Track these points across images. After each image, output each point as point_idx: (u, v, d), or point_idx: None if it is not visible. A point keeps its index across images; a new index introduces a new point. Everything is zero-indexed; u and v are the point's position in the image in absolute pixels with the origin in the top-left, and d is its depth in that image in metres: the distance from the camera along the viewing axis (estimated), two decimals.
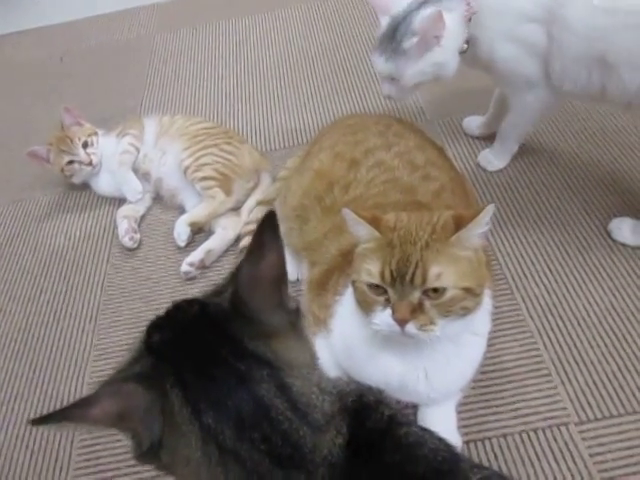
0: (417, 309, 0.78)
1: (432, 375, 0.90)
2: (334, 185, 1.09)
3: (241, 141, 1.58)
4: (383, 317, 0.80)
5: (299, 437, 0.53)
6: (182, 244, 1.41)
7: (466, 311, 0.80)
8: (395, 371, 0.90)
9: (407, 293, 0.77)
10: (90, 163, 1.55)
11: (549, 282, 1.23)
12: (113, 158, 1.55)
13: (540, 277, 1.24)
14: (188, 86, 2.01)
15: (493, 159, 1.48)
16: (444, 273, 0.77)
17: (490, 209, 0.78)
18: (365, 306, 0.83)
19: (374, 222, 0.82)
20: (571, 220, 1.35)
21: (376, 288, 0.80)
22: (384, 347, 0.88)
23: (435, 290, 0.77)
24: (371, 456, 0.56)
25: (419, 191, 1.04)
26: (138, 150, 1.54)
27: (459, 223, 0.79)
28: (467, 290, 0.78)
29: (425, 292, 0.78)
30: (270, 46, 2.13)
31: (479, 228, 0.79)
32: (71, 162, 1.55)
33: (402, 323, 0.78)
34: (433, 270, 0.76)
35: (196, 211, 1.42)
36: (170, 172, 1.51)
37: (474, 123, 1.60)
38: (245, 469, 0.52)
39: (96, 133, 1.60)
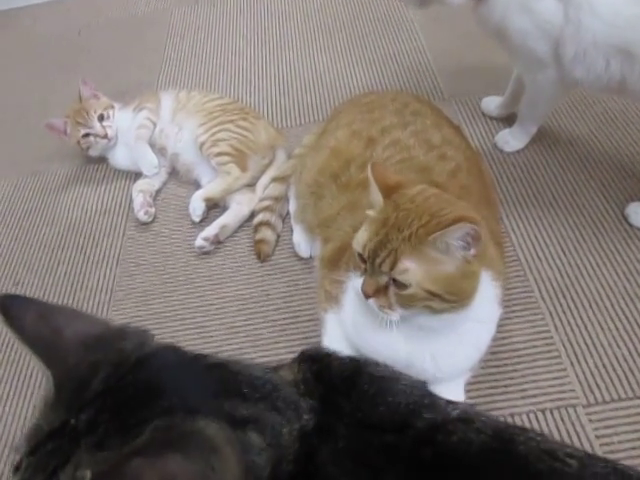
0: (381, 290, 0.82)
1: (438, 357, 0.91)
2: (350, 163, 1.09)
3: (257, 117, 1.58)
4: (356, 282, 0.85)
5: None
6: (197, 219, 1.42)
7: (432, 310, 0.81)
8: (402, 350, 0.91)
9: (377, 273, 0.81)
10: (105, 136, 1.56)
11: (562, 265, 1.23)
12: (129, 132, 1.55)
13: (554, 259, 1.24)
14: (205, 61, 2.01)
15: (511, 139, 1.47)
16: (411, 270, 0.78)
17: (462, 227, 0.75)
18: (354, 264, 0.87)
19: (389, 189, 0.83)
20: (587, 203, 1.33)
21: (360, 256, 0.83)
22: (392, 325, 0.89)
23: (400, 282, 0.79)
24: (347, 390, 0.58)
25: (435, 171, 1.03)
26: (155, 124, 1.55)
27: (439, 223, 0.78)
28: (432, 294, 0.79)
29: (393, 279, 0.80)
30: (287, 21, 2.11)
31: (447, 238, 0.77)
32: (87, 135, 1.56)
33: (366, 296, 0.82)
34: (402, 263, 0.78)
35: (211, 187, 1.43)
36: (186, 147, 1.51)
37: (492, 103, 1.58)
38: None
39: (112, 106, 1.60)
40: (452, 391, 0.99)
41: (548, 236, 1.28)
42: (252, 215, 1.41)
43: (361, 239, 0.83)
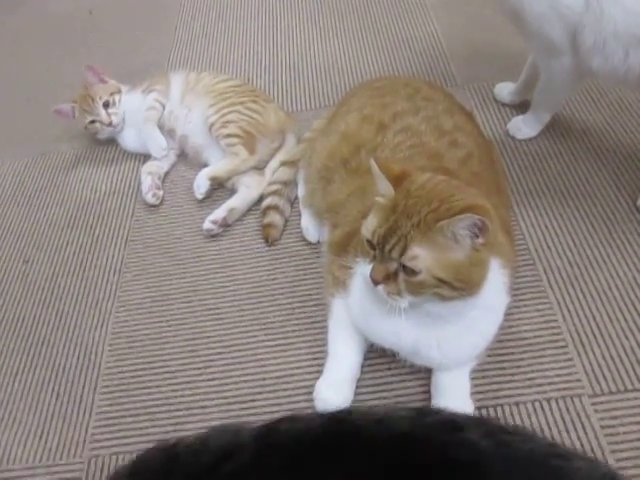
0: (391, 277, 0.81)
1: (444, 344, 0.91)
2: (360, 148, 1.08)
3: (267, 100, 1.57)
4: (365, 269, 0.84)
5: None
6: (200, 196, 1.41)
7: (441, 298, 0.81)
8: (409, 336, 0.91)
9: (386, 259, 0.81)
10: (110, 124, 1.56)
11: (572, 255, 1.22)
12: (138, 114, 1.55)
13: (563, 249, 1.23)
14: (216, 42, 2.00)
15: (523, 127, 1.45)
16: (421, 256, 0.78)
17: (469, 217, 0.75)
18: (362, 250, 0.86)
19: (397, 179, 0.83)
20: (599, 193, 1.32)
21: (369, 242, 0.83)
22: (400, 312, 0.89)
23: (409, 269, 0.79)
24: None
25: (446, 157, 1.03)
26: (164, 106, 1.55)
27: (447, 210, 0.78)
28: (441, 281, 0.79)
29: (403, 265, 0.79)
30: (300, 3, 2.09)
31: (454, 228, 0.76)
32: (93, 121, 1.57)
33: (375, 283, 0.82)
34: (412, 250, 0.78)
35: (218, 166, 1.43)
36: (195, 129, 1.51)
37: (506, 90, 1.56)
38: None
39: (119, 91, 1.59)
40: (457, 379, 0.99)
41: (558, 225, 1.27)
42: (260, 199, 1.41)
43: (370, 225, 0.82)
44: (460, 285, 0.80)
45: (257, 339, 1.17)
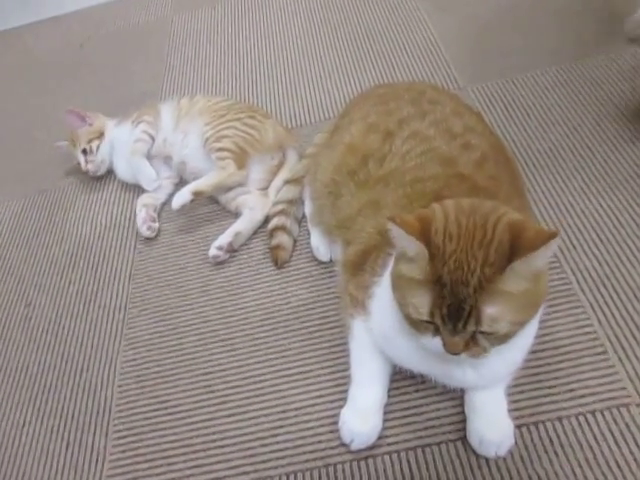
0: (470, 342, 0.72)
1: (480, 367, 0.84)
2: (368, 159, 1.02)
3: (265, 116, 1.52)
4: (434, 343, 0.75)
5: None
6: (176, 207, 1.34)
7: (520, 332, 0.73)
8: (440, 363, 0.84)
9: (459, 331, 0.71)
10: (87, 172, 1.57)
11: (600, 253, 1.15)
12: (128, 146, 1.51)
13: (590, 247, 1.16)
14: (209, 66, 1.96)
15: None
16: (500, 317, 0.68)
17: (553, 241, 0.65)
18: (412, 326, 0.76)
19: (424, 233, 0.70)
20: (621, 185, 1.25)
21: (424, 321, 0.73)
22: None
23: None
24: None
25: (460, 162, 0.96)
26: (153, 138, 1.50)
27: (516, 245, 0.67)
28: (525, 322, 0.71)
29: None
30: (290, 18, 2.05)
31: (546, 256, 0.66)
32: (79, 163, 1.58)
33: (454, 354, 0.73)
34: (488, 315, 0.68)
35: (203, 180, 1.37)
36: (193, 153, 1.45)
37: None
38: None
39: (99, 136, 1.56)
40: (493, 397, 0.92)
41: (582, 223, 1.20)
42: (266, 220, 1.35)
43: (422, 309, 0.71)
44: (537, 311, 0.72)
45: (274, 369, 1.11)
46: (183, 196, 1.35)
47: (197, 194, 1.35)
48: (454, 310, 0.69)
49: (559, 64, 1.58)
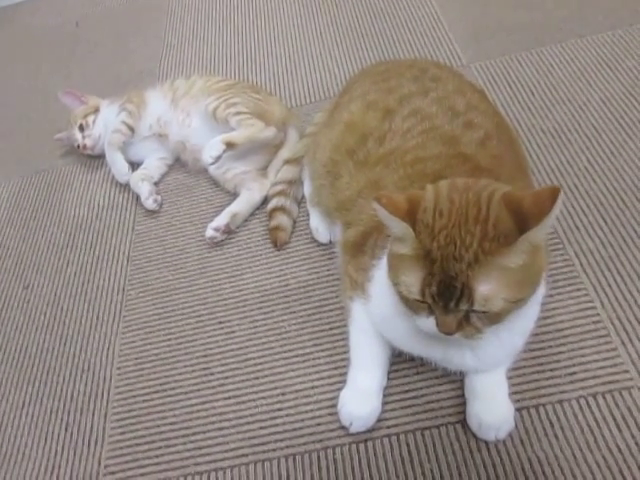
0: (463, 322, 0.70)
1: (480, 350, 0.83)
2: (367, 137, 1.00)
3: (269, 94, 1.50)
4: (427, 323, 0.73)
5: None
6: (210, 160, 1.29)
7: (518, 309, 0.71)
8: (439, 347, 0.83)
9: (452, 310, 0.69)
10: (85, 147, 1.53)
11: (604, 234, 1.13)
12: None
13: (594, 229, 1.14)
14: (208, 44, 1.92)
15: None
16: (494, 295, 0.66)
17: (560, 198, 0.62)
18: (407, 306, 0.74)
19: (411, 214, 0.69)
20: (626, 165, 1.23)
21: (418, 300, 0.71)
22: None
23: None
24: None
25: (462, 141, 0.94)
26: (132, 129, 1.46)
27: (519, 220, 0.64)
28: (520, 300, 0.69)
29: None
30: None
31: (548, 226, 0.64)
32: (78, 146, 1.55)
33: (448, 334, 0.71)
34: (481, 293, 0.65)
35: (235, 133, 1.32)
36: (196, 132, 1.42)
37: None
38: None
39: (95, 111, 1.54)
40: (494, 380, 0.91)
41: (586, 204, 1.18)
42: (265, 201, 1.33)
43: (413, 288, 0.69)
44: (534, 289, 0.70)
45: (273, 351, 1.10)
46: (216, 147, 1.29)
47: (230, 145, 1.30)
48: (445, 288, 0.67)
49: (564, 41, 1.54)
